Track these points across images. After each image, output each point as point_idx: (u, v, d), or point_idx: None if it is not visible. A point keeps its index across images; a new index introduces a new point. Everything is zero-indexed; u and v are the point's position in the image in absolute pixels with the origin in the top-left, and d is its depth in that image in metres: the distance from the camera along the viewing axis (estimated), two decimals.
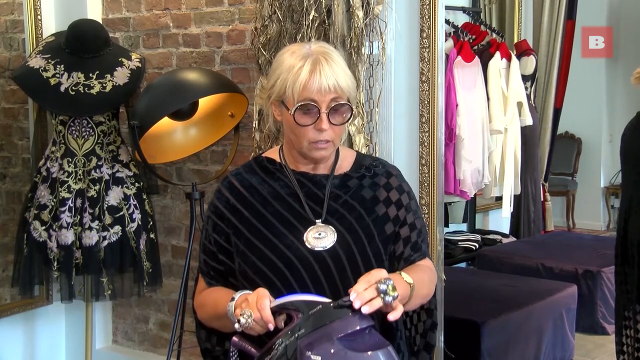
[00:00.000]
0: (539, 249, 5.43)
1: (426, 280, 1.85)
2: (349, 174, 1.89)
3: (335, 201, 1.84)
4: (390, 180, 1.91)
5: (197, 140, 3.44)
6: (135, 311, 4.04)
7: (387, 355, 1.56)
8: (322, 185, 1.85)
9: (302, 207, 1.82)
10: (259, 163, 1.91)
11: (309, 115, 1.76)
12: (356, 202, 1.85)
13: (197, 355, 3.76)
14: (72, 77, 3.32)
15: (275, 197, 1.83)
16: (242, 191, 1.84)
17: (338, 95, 1.76)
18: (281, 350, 1.65)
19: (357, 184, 1.87)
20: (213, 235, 1.85)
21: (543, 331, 4.24)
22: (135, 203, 3.43)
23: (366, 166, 1.92)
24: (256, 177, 1.86)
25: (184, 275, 3.27)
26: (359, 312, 1.60)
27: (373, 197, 1.86)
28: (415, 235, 1.89)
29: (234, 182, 1.86)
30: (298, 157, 1.86)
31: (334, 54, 1.79)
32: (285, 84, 1.76)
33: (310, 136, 1.77)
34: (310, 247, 1.77)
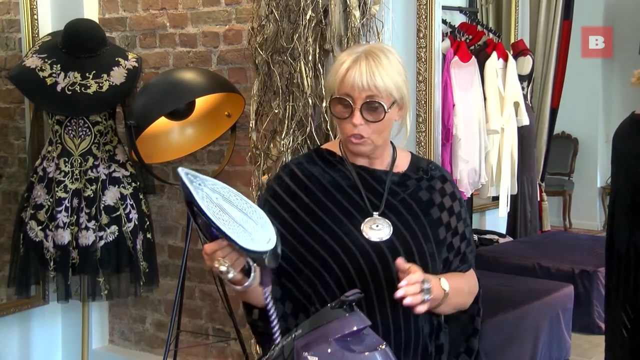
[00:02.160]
0: (535, 249, 5.42)
1: (464, 291, 1.91)
2: (408, 174, 1.94)
3: (394, 197, 1.89)
4: (445, 185, 1.96)
5: (193, 140, 3.44)
6: (132, 311, 4.03)
7: (384, 356, 1.56)
8: (381, 180, 1.90)
9: (362, 199, 1.87)
10: (319, 154, 1.95)
11: (345, 109, 1.82)
12: (413, 202, 1.90)
13: (194, 354, 3.77)
14: (69, 77, 3.31)
15: (335, 186, 1.88)
16: (303, 179, 1.88)
17: (374, 94, 1.80)
18: (277, 351, 1.66)
19: (415, 185, 1.92)
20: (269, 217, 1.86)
21: (539, 331, 4.24)
22: (131, 203, 3.43)
23: (423, 168, 1.97)
24: (317, 168, 1.90)
25: (181, 275, 3.26)
26: (355, 313, 1.61)
27: (429, 200, 1.91)
28: (464, 245, 1.94)
29: (296, 170, 1.91)
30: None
31: (384, 55, 1.82)
32: (330, 78, 1.85)
33: (347, 130, 1.83)
34: (367, 237, 1.82)
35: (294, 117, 2.97)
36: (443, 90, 3.86)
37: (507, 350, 3.95)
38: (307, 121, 2.94)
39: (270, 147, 3.09)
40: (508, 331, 3.99)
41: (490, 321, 3.81)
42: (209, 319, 3.76)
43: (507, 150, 4.72)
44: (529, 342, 4.16)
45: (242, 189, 3.53)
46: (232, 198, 1.59)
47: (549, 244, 5.66)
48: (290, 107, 2.98)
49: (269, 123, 3.07)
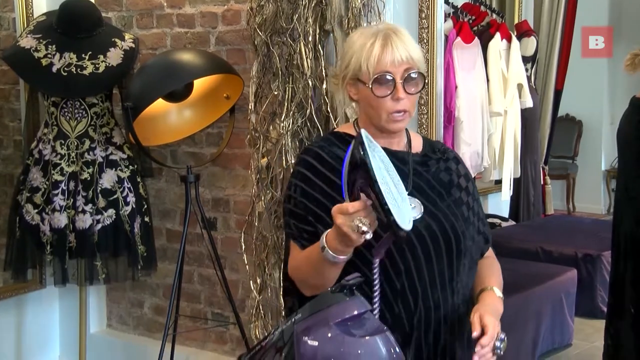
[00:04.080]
0: (538, 233, 5.44)
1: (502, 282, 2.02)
2: (428, 155, 2.00)
3: (419, 177, 1.94)
4: (459, 166, 2.03)
5: (192, 122, 3.44)
6: (130, 295, 4.05)
7: (385, 341, 1.57)
8: (404, 161, 1.94)
9: None
10: (339, 137, 1.97)
11: (386, 86, 1.85)
12: (436, 183, 1.95)
13: (192, 339, 3.79)
14: (64, 58, 3.30)
15: None
16: (331, 161, 1.90)
17: (411, 65, 1.87)
18: (277, 336, 1.67)
19: (435, 166, 1.98)
20: (301, 200, 1.89)
21: (542, 315, 4.26)
22: (129, 186, 3.43)
23: (439, 149, 2.03)
24: (340, 150, 1.92)
25: (179, 259, 3.28)
26: (356, 297, 1.62)
27: (449, 181, 1.97)
28: (482, 224, 2.02)
29: (321, 152, 1.92)
30: (375, 132, 1.92)
31: (402, 30, 1.91)
32: (360, 60, 1.87)
33: (388, 107, 1.86)
34: None
35: (293, 99, 2.97)
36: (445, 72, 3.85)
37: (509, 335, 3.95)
38: (307, 103, 2.94)
39: (270, 129, 3.09)
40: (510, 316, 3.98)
41: None
42: (207, 303, 3.77)
43: (510, 133, 4.72)
44: (532, 326, 4.18)
45: (241, 172, 3.54)
46: (390, 170, 1.65)
47: (552, 227, 5.67)
48: (289, 88, 2.98)
49: (268, 105, 3.07)
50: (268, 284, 3.15)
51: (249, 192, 3.30)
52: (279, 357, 1.64)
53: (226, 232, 3.67)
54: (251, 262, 3.23)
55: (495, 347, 1.77)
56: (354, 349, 1.55)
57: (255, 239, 3.18)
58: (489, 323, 1.78)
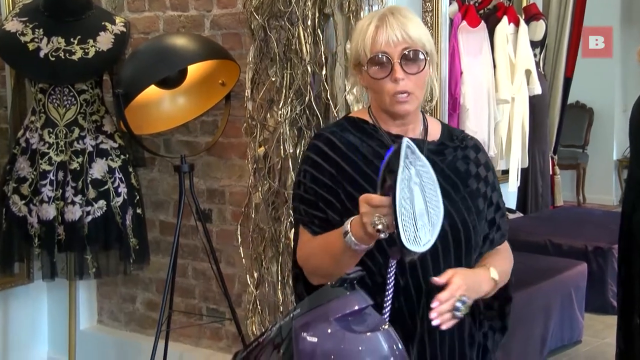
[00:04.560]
0: (547, 225, 5.45)
1: (508, 271, 1.99)
2: (446, 143, 1.98)
3: (433, 167, 1.91)
4: (479, 155, 2.01)
5: (185, 109, 3.44)
6: (121, 290, 4.06)
7: (386, 337, 1.58)
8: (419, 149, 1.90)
9: None
10: (352, 122, 1.97)
11: (383, 67, 1.85)
12: (452, 173, 1.94)
13: (187, 335, 3.81)
14: (52, 42, 3.30)
15: (376, 156, 1.89)
16: (342, 147, 1.91)
17: (409, 45, 1.85)
18: (275, 332, 1.67)
19: (452, 155, 1.97)
20: (312, 186, 1.90)
21: (551, 311, 4.27)
22: (120, 176, 3.44)
23: (458, 137, 2.01)
24: (353, 136, 1.93)
25: (173, 252, 3.28)
26: (357, 291, 1.62)
27: (467, 171, 1.96)
28: (499, 216, 2.01)
29: (332, 138, 1.92)
30: (387, 118, 1.93)
31: (404, 10, 1.91)
32: (358, 44, 1.89)
33: (389, 89, 1.86)
34: None
35: (292, 85, 2.97)
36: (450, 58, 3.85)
37: (516, 332, 3.99)
38: (306, 90, 2.94)
39: (267, 117, 3.10)
40: (517, 312, 4.00)
41: None
42: (202, 298, 3.78)
43: (518, 121, 4.73)
44: (540, 322, 4.19)
45: (237, 161, 3.54)
46: (427, 188, 1.63)
47: (561, 219, 5.68)
48: (288, 74, 2.98)
49: (266, 92, 3.07)
50: (265, 278, 3.16)
51: (246, 182, 3.31)
52: (277, 354, 1.64)
53: (222, 224, 3.68)
54: (248, 255, 3.23)
55: (455, 308, 1.70)
56: (355, 346, 1.55)
57: (251, 232, 3.18)
58: (455, 282, 1.74)
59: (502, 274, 1.93)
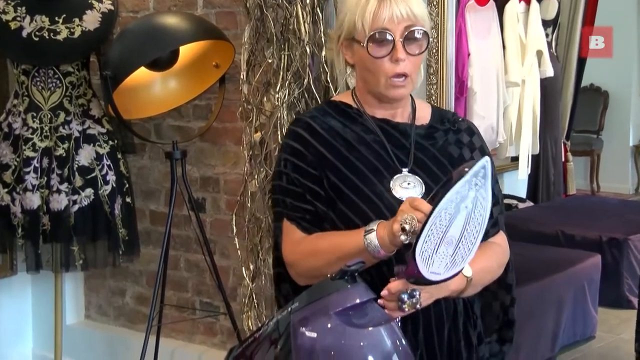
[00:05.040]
0: (558, 215, 5.46)
1: (493, 267, 1.91)
2: (435, 126, 1.96)
3: (422, 152, 1.91)
4: (473, 138, 1.99)
5: (177, 93, 3.44)
6: (110, 283, 4.07)
7: (389, 331, 1.58)
8: (406, 134, 1.92)
9: (388, 155, 1.88)
10: (334, 107, 1.95)
11: (383, 45, 1.82)
12: (444, 158, 1.92)
13: (179, 331, 3.82)
14: (36, 21, 3.30)
15: (360, 142, 1.88)
16: (323, 134, 1.89)
17: (412, 23, 1.82)
18: (272, 327, 1.68)
19: (443, 138, 1.95)
20: (295, 177, 1.87)
21: (563, 305, 4.28)
22: (108, 163, 3.44)
23: (449, 119, 1.99)
24: (335, 121, 1.91)
25: (164, 243, 3.29)
26: (358, 284, 1.63)
27: (460, 156, 1.94)
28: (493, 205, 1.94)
29: (312, 123, 1.91)
30: (374, 101, 1.91)
31: None
32: (354, 17, 1.84)
33: (387, 69, 1.83)
34: (399, 197, 1.83)
35: (289, 67, 2.97)
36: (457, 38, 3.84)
37: (526, 327, 4.00)
38: (305, 72, 2.94)
39: (264, 101, 3.10)
40: (528, 306, 4.03)
41: None
42: (195, 291, 3.80)
43: (529, 105, 4.73)
44: (551, 317, 4.21)
45: (232, 147, 3.55)
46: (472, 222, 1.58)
47: (574, 209, 5.69)
48: (285, 56, 2.98)
49: (262, 74, 3.07)
50: (262, 271, 3.17)
51: (241, 170, 3.31)
52: (274, 350, 1.65)
53: (216, 214, 3.68)
54: (243, 246, 3.24)
55: (399, 299, 1.65)
56: (356, 341, 1.56)
57: (247, 222, 3.19)
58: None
59: (481, 271, 1.84)
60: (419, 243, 1.56)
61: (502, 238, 1.98)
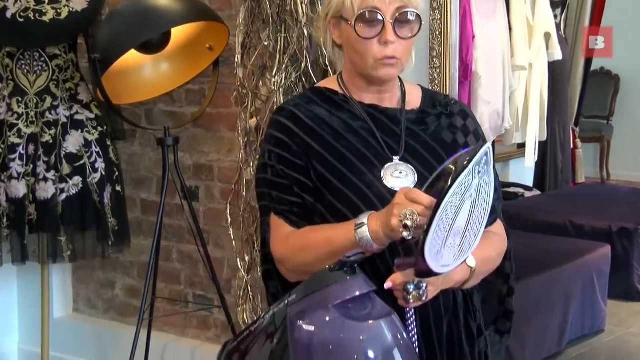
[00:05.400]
0: (567, 204, 5.48)
1: (493, 257, 1.92)
2: (426, 110, 1.94)
3: (413, 139, 1.89)
4: (467, 122, 1.97)
5: (169, 77, 3.44)
6: (99, 275, 4.08)
7: (390, 325, 1.58)
8: (396, 120, 1.90)
9: (378, 142, 1.87)
10: (318, 94, 1.94)
11: (372, 26, 1.80)
12: (437, 145, 1.91)
13: (171, 324, 3.83)
14: (20, 1, 3.29)
15: (347, 130, 1.87)
16: (308, 122, 1.88)
17: (404, 4, 1.80)
18: (268, 320, 1.68)
19: (435, 123, 1.93)
20: (281, 168, 1.87)
21: (570, 298, 4.30)
22: (97, 150, 3.44)
23: (441, 102, 1.97)
24: (320, 108, 1.90)
25: (156, 233, 3.30)
26: (358, 275, 1.63)
27: (453, 141, 1.92)
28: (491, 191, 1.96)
29: (296, 112, 1.89)
30: (362, 84, 1.90)
31: None
32: None
33: (375, 52, 1.81)
34: (390, 187, 1.83)
35: (286, 50, 2.97)
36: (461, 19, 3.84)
37: (533, 320, 4.02)
38: (302, 55, 2.94)
39: (259, 85, 3.10)
40: (534, 298, 4.05)
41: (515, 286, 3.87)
42: (188, 284, 3.81)
43: (536, 90, 4.73)
44: (559, 310, 4.23)
45: (227, 134, 3.55)
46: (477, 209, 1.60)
47: (583, 198, 5.71)
48: (282, 38, 2.98)
49: (258, 57, 3.08)
50: (257, 262, 3.18)
51: (236, 157, 3.32)
52: (270, 344, 1.65)
53: (209, 202, 3.69)
54: (238, 237, 3.25)
55: (405, 290, 1.66)
56: (356, 335, 1.56)
57: (242, 211, 3.20)
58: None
59: (483, 261, 1.84)
60: (427, 240, 1.55)
61: (500, 226, 1.98)
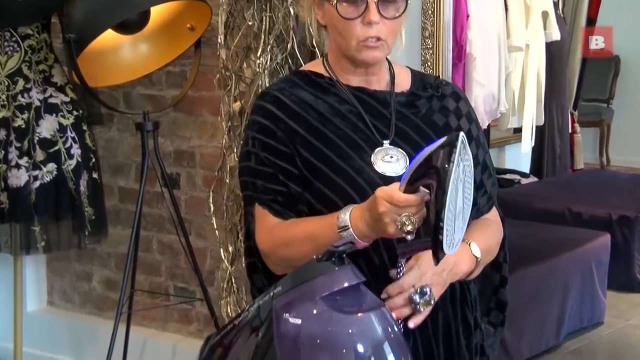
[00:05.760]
0: (565, 191, 5.50)
1: (493, 246, 1.94)
2: (417, 93, 1.95)
3: (404, 122, 1.90)
4: (459, 104, 1.97)
5: (148, 58, 3.43)
6: (75, 267, 4.08)
7: (380, 318, 1.59)
8: (385, 103, 1.91)
9: (367, 126, 1.88)
10: (303, 77, 1.94)
11: (355, 5, 1.80)
12: (428, 128, 1.91)
13: (151, 318, 3.84)
14: None
15: (334, 114, 1.88)
16: (293, 107, 1.87)
17: None
18: (253, 313, 1.68)
19: (426, 106, 1.94)
20: (265, 156, 1.86)
21: (568, 289, 4.33)
22: (73, 135, 3.44)
23: (432, 84, 1.97)
24: (305, 92, 1.90)
25: (135, 223, 3.30)
26: (347, 266, 1.64)
27: (445, 125, 1.93)
28: (486, 177, 1.97)
29: (280, 96, 1.89)
30: (348, 66, 1.90)
31: None
32: None
33: (358, 32, 1.81)
34: (381, 172, 1.83)
35: (271, 30, 2.97)
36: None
37: (529, 312, 4.04)
38: (288, 35, 2.94)
39: (243, 67, 3.10)
40: (531, 289, 4.07)
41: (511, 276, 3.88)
42: (169, 275, 3.81)
43: (533, 72, 4.74)
44: (556, 302, 4.25)
45: (209, 118, 3.55)
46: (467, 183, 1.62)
47: (582, 184, 5.73)
48: (267, 18, 2.97)
49: (242, 38, 3.07)
50: (241, 253, 3.18)
51: (219, 142, 3.32)
52: (255, 338, 1.65)
53: (191, 190, 3.69)
54: (221, 226, 3.25)
55: (412, 301, 1.69)
56: (345, 328, 1.56)
57: (226, 199, 3.20)
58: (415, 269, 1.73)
59: (486, 251, 1.87)
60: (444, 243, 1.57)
61: (495, 213, 2.00)
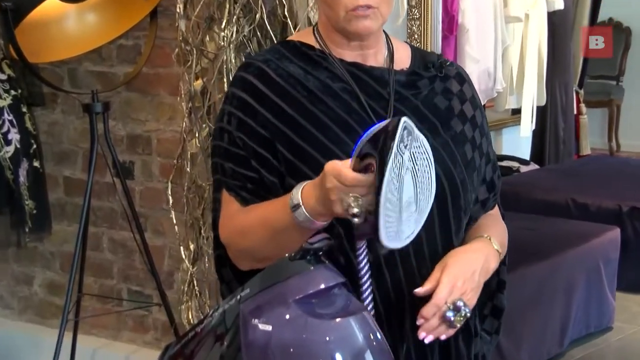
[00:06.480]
0: (569, 180, 5.52)
1: (505, 243, 1.98)
2: (418, 72, 1.96)
3: (403, 103, 1.90)
4: (463, 87, 1.99)
5: (97, 30, 3.42)
6: (14, 268, 4.07)
7: (361, 323, 1.59)
8: (383, 82, 1.91)
9: (362, 107, 1.88)
10: (292, 48, 1.94)
11: None
12: (428, 112, 1.92)
13: (102, 326, 3.83)
14: None
15: (326, 92, 1.88)
16: (279, 81, 1.87)
17: None
18: (217, 318, 1.68)
19: (428, 87, 1.95)
20: (239, 136, 1.86)
21: (573, 290, 4.35)
22: (10, 118, 3.43)
23: (434, 63, 1.99)
24: (293, 66, 1.90)
25: (82, 218, 3.29)
26: (323, 265, 1.64)
27: (448, 108, 1.94)
28: (491, 170, 2.00)
29: (266, 69, 1.89)
30: (340, 40, 1.91)
31: None
32: None
33: (346, 1, 1.82)
34: None
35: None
36: None
37: (530, 314, 4.06)
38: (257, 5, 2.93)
39: (206, 40, 3.09)
40: (531, 291, 4.09)
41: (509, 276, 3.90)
42: (122, 278, 3.81)
43: (533, 46, 4.75)
44: (560, 303, 4.27)
45: (167, 98, 3.54)
46: (420, 171, 1.63)
47: (589, 173, 5.76)
48: None
49: (204, 7, 3.07)
50: (205, 251, 3.18)
51: (178, 126, 3.31)
52: (220, 347, 1.66)
53: (147, 181, 3.68)
54: (181, 221, 3.25)
55: (446, 318, 1.71)
56: (321, 335, 1.57)
57: (186, 191, 3.20)
58: (442, 287, 1.74)
59: (503, 246, 1.93)
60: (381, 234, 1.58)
61: (497, 209, 2.03)
